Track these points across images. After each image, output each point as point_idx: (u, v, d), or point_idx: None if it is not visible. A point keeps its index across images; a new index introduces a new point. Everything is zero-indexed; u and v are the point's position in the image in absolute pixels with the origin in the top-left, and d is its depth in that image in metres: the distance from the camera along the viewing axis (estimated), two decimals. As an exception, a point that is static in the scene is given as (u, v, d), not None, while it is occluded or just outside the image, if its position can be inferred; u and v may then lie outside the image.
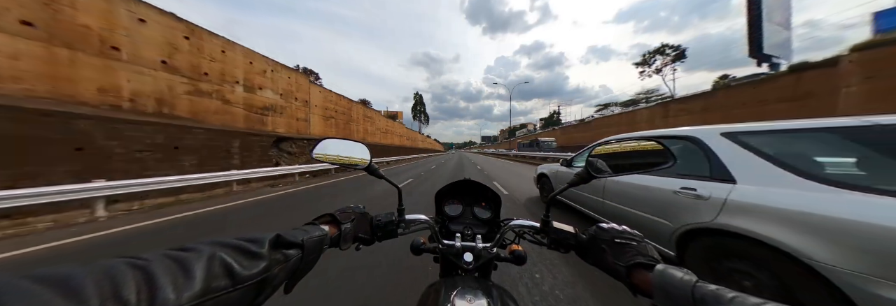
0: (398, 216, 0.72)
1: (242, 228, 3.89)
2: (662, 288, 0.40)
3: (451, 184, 0.96)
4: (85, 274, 0.24)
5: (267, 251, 0.38)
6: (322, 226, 0.54)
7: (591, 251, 0.58)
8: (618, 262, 0.50)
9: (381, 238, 0.69)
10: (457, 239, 0.73)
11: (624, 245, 0.53)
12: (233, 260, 0.34)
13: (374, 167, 0.76)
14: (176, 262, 0.30)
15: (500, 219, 0.88)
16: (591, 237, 0.59)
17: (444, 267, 0.78)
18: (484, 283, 0.59)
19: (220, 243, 0.36)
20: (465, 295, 0.53)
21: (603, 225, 0.60)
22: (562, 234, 0.65)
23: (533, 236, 0.74)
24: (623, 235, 0.55)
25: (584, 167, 0.65)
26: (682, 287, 0.38)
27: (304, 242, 0.44)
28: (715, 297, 0.35)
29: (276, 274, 0.38)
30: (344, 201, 5.98)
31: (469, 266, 0.67)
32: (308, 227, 0.51)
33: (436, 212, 0.94)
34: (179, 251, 0.33)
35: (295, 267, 0.42)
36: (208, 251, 0.34)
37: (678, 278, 0.40)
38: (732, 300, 0.34)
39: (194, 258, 0.32)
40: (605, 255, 0.54)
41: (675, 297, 0.38)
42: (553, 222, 0.67)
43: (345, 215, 0.61)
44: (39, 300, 0.20)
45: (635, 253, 0.50)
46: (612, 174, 0.64)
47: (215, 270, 0.32)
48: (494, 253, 0.71)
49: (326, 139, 0.80)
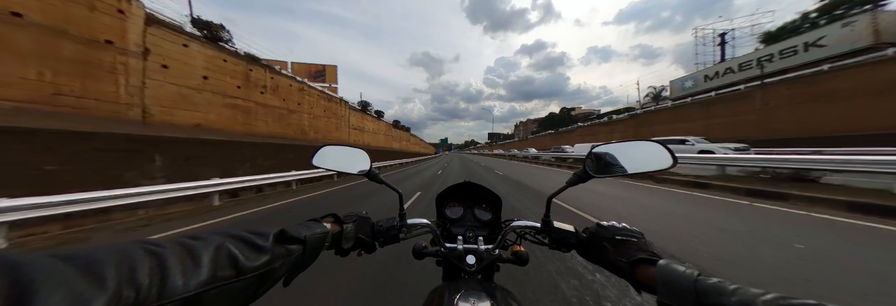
0: (400, 220, 0.72)
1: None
2: (665, 282, 0.40)
3: (452, 187, 0.96)
4: (105, 257, 0.25)
5: (271, 245, 0.39)
6: (325, 223, 0.54)
7: (593, 249, 0.58)
8: (620, 259, 0.50)
9: (383, 243, 0.68)
10: (459, 241, 0.73)
11: (625, 242, 0.53)
12: (239, 251, 0.35)
13: (374, 173, 0.77)
14: (186, 250, 0.31)
15: (501, 220, 0.88)
16: (592, 235, 0.59)
17: (447, 270, 0.78)
18: (487, 285, 0.59)
19: (228, 234, 0.38)
20: (468, 298, 0.53)
21: (603, 223, 0.60)
22: (563, 234, 0.65)
23: (534, 236, 0.74)
24: (623, 232, 0.55)
25: (582, 167, 0.65)
26: (685, 280, 0.39)
27: (306, 238, 0.45)
28: (717, 290, 0.36)
29: (277, 267, 0.39)
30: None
31: (472, 268, 0.67)
32: (311, 224, 0.51)
33: (437, 215, 0.94)
34: (191, 239, 0.34)
35: (296, 262, 0.43)
36: (217, 241, 0.35)
37: (680, 272, 0.40)
38: (734, 291, 0.35)
39: (203, 247, 0.33)
40: (606, 253, 0.54)
41: (678, 291, 0.38)
42: (554, 222, 0.67)
43: (348, 217, 0.62)
44: (63, 278, 0.21)
45: (637, 250, 0.51)
46: (608, 174, 0.63)
47: (222, 260, 0.33)
48: (497, 254, 0.70)
49: (325, 147, 0.81)
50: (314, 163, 0.79)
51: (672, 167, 0.61)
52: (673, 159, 0.61)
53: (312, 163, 0.79)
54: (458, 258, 0.69)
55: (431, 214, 0.98)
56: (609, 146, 0.66)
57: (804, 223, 3.88)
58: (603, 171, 0.63)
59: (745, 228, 3.64)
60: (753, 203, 5.27)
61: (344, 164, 0.79)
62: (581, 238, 0.62)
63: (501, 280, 0.71)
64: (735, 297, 0.34)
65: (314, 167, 0.84)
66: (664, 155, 0.62)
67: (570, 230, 0.65)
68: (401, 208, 0.77)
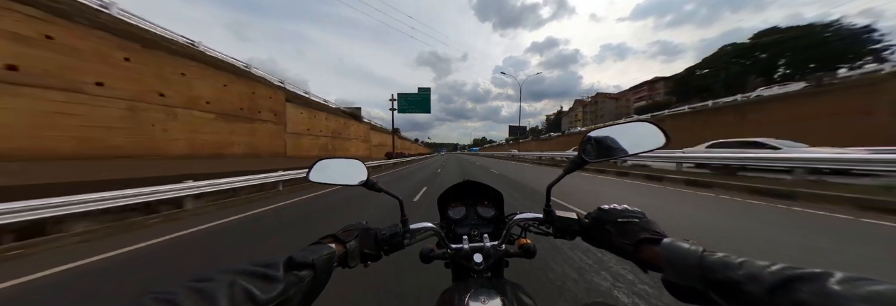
0: (402, 227, 0.71)
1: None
2: (670, 260, 0.40)
3: (452, 187, 0.96)
4: None
5: (282, 274, 0.39)
6: (329, 244, 0.54)
7: (597, 234, 0.58)
8: (624, 241, 0.50)
9: (388, 251, 0.68)
10: (464, 241, 0.73)
11: (627, 223, 0.53)
12: (252, 285, 0.35)
13: (372, 182, 0.76)
14: (199, 294, 0.31)
15: (504, 215, 0.87)
16: (595, 220, 0.59)
17: (456, 271, 0.78)
18: (497, 282, 0.59)
19: (236, 271, 0.37)
20: (478, 296, 0.53)
21: (604, 206, 0.60)
22: (566, 222, 0.65)
23: (538, 227, 0.73)
24: (625, 214, 0.55)
25: (577, 152, 0.65)
26: (690, 257, 0.38)
27: (314, 262, 0.45)
28: (723, 264, 0.35)
29: (292, 295, 0.39)
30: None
31: (480, 266, 0.66)
32: (315, 247, 0.51)
33: (440, 217, 0.94)
34: (198, 282, 0.33)
35: (309, 287, 0.43)
36: (227, 279, 0.34)
37: (685, 249, 0.40)
38: (741, 265, 0.34)
39: (216, 288, 0.32)
40: (610, 236, 0.54)
41: (684, 268, 0.38)
42: (555, 211, 0.67)
43: (347, 233, 0.60)
44: None
45: (640, 230, 0.50)
46: (606, 158, 0.63)
47: (238, 298, 0.33)
48: (503, 249, 0.70)
49: (321, 160, 0.81)
50: (311, 179, 0.78)
51: (667, 144, 0.61)
52: (666, 137, 0.61)
53: (309, 179, 0.78)
54: (466, 257, 0.69)
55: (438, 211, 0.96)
56: (605, 129, 0.66)
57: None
58: (602, 155, 0.63)
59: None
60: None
61: (342, 177, 0.78)
62: (584, 224, 0.62)
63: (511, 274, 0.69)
64: (742, 270, 0.33)
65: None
66: (658, 134, 0.62)
67: (573, 217, 0.65)
68: (402, 214, 0.76)
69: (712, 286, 0.35)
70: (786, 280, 0.29)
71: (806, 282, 0.28)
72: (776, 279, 0.30)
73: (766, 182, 6.27)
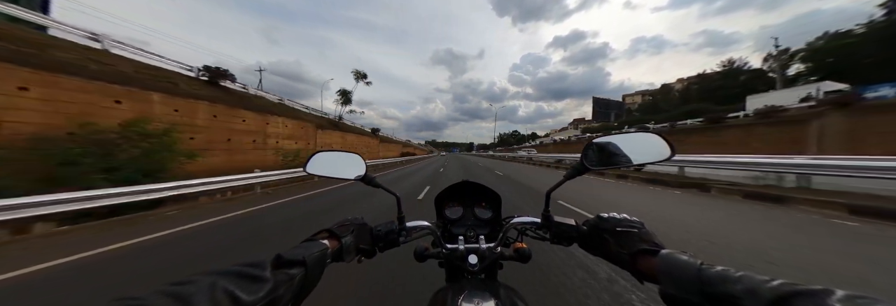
0: (399, 224, 0.71)
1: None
2: (668, 272, 0.39)
3: (451, 187, 0.95)
4: None
5: (269, 273, 0.38)
6: (322, 240, 0.53)
7: (594, 241, 0.57)
8: (621, 251, 0.50)
9: (383, 248, 0.67)
10: (460, 241, 0.72)
11: (626, 233, 0.52)
12: (235, 286, 0.34)
13: (370, 177, 0.75)
14: (174, 298, 0.29)
15: (501, 217, 0.87)
16: (592, 227, 0.58)
17: (450, 271, 0.77)
18: (491, 284, 0.58)
19: (218, 272, 0.36)
20: (472, 298, 0.52)
21: (603, 214, 0.59)
22: (563, 227, 0.64)
23: (535, 232, 0.73)
24: (623, 223, 0.55)
25: (579, 159, 0.65)
26: (688, 269, 0.38)
27: (305, 259, 0.44)
28: (722, 278, 0.35)
29: (282, 294, 0.38)
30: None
31: (474, 268, 0.66)
32: (307, 244, 0.50)
33: (437, 216, 0.93)
34: (176, 285, 0.32)
35: (300, 286, 0.42)
36: (207, 282, 0.33)
37: (683, 261, 0.40)
38: (740, 279, 0.34)
39: (194, 291, 0.31)
40: (607, 245, 0.53)
41: (682, 281, 0.37)
42: (554, 216, 0.67)
43: (343, 228, 0.60)
44: None
45: (638, 240, 0.50)
46: (609, 166, 0.63)
47: (219, 300, 0.31)
48: (499, 252, 0.70)
49: (319, 153, 0.80)
50: (307, 171, 0.78)
51: (672, 157, 0.61)
52: (671, 150, 0.61)
53: (306, 170, 0.78)
54: (461, 258, 0.68)
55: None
56: (609, 137, 0.66)
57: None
58: (604, 163, 0.63)
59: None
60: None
61: (339, 170, 0.77)
62: (581, 231, 0.61)
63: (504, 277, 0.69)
64: (740, 285, 0.33)
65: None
66: (663, 146, 0.62)
67: (571, 223, 0.64)
68: (399, 212, 0.75)
69: (710, 299, 0.34)
70: (785, 296, 0.29)
71: (805, 299, 0.28)
72: (775, 295, 0.30)
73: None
